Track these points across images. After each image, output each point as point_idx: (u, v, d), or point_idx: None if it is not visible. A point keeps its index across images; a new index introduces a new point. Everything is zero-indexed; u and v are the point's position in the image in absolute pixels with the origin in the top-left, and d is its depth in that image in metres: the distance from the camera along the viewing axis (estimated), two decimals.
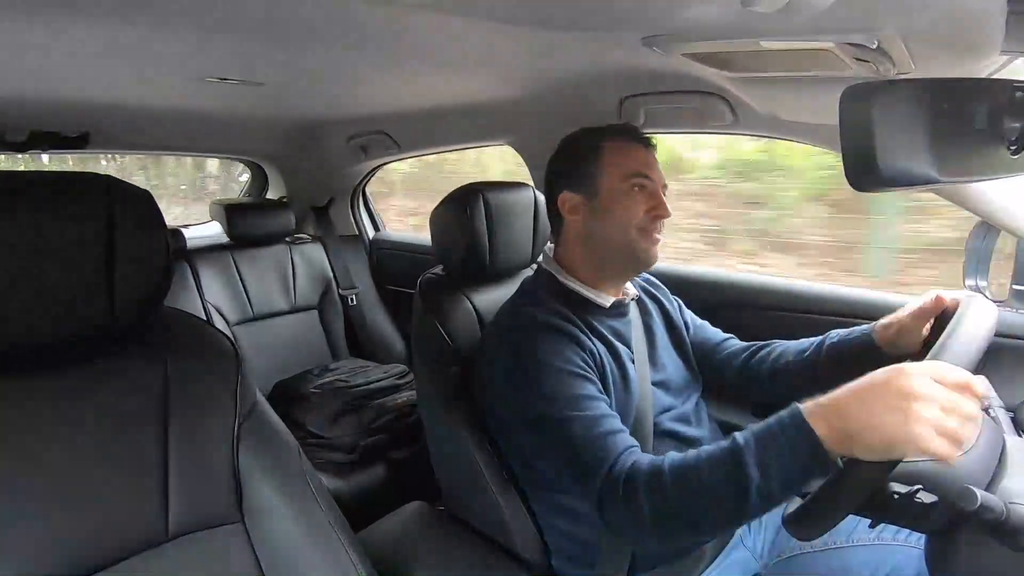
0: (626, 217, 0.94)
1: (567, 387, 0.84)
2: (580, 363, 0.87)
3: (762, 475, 0.64)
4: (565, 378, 0.85)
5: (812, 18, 0.61)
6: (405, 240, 2.28)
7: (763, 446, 0.65)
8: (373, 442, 1.64)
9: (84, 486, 0.63)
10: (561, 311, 0.93)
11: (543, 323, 0.90)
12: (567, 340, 0.89)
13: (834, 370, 0.95)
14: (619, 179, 0.95)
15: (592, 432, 0.80)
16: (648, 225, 0.94)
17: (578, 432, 0.80)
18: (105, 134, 1.70)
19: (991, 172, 0.56)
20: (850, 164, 0.49)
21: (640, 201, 0.94)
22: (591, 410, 0.82)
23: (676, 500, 0.70)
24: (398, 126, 1.75)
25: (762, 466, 0.64)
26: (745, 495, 0.65)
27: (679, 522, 0.71)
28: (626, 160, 0.95)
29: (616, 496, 0.74)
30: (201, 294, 1.85)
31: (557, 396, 0.84)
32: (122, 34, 0.87)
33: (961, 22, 0.62)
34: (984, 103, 0.52)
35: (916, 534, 0.87)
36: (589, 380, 0.87)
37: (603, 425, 0.81)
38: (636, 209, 0.94)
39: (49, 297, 0.61)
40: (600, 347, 0.92)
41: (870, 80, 0.49)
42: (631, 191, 0.94)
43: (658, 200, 0.95)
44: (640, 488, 0.72)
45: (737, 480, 0.65)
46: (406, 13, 0.74)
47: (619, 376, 0.93)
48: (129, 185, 0.68)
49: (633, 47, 0.85)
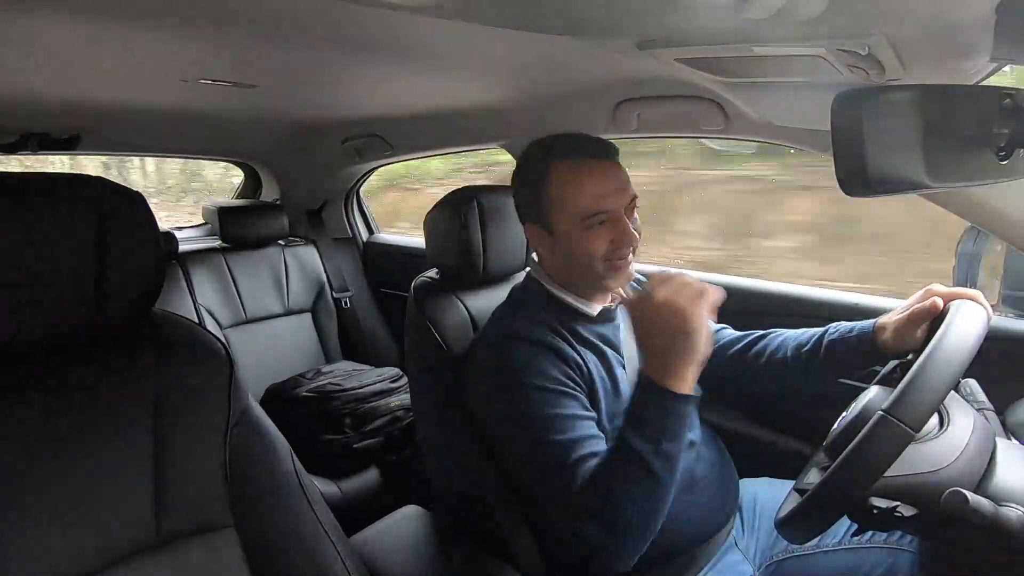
0: (588, 256, 0.91)
1: (546, 406, 0.85)
2: (562, 379, 0.88)
3: (647, 441, 0.77)
4: (545, 396, 0.86)
5: (804, 24, 0.62)
6: (399, 243, 2.28)
7: (635, 419, 0.79)
8: (366, 446, 1.63)
9: (74, 490, 0.63)
10: (548, 322, 0.93)
11: (527, 337, 0.90)
12: (551, 355, 0.89)
13: (829, 367, 0.96)
14: (571, 222, 0.90)
15: (564, 458, 0.83)
16: (613, 256, 0.91)
17: (552, 456, 0.84)
18: (96, 135, 1.69)
19: (980, 177, 0.57)
20: (842, 169, 0.49)
21: (599, 236, 0.90)
22: (566, 433, 0.84)
23: (602, 506, 0.79)
24: (392, 129, 1.75)
25: (643, 435, 0.78)
26: (646, 465, 0.77)
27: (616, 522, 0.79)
28: (576, 196, 0.89)
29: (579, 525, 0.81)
30: (193, 297, 1.84)
31: (535, 416, 0.85)
32: (114, 35, 0.86)
33: (950, 29, 0.63)
34: (973, 109, 0.52)
35: (908, 536, 0.88)
36: (570, 396, 0.87)
37: (575, 451, 0.84)
38: (597, 246, 0.90)
39: (39, 299, 0.60)
40: (589, 356, 0.92)
41: (861, 86, 0.50)
42: (588, 231, 0.89)
43: (619, 230, 0.90)
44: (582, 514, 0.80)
45: (633, 460, 0.78)
46: (400, 17, 0.74)
47: (609, 383, 0.93)
48: (120, 186, 0.67)
49: (627, 52, 0.86)
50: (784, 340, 1.03)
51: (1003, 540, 0.59)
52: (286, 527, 0.73)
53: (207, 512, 0.70)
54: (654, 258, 1.93)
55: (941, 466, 0.63)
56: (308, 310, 2.08)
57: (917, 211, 1.63)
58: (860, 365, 0.93)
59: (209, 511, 0.70)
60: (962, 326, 0.67)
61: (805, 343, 0.99)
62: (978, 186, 0.85)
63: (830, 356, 0.95)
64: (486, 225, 1.13)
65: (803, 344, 0.99)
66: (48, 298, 0.61)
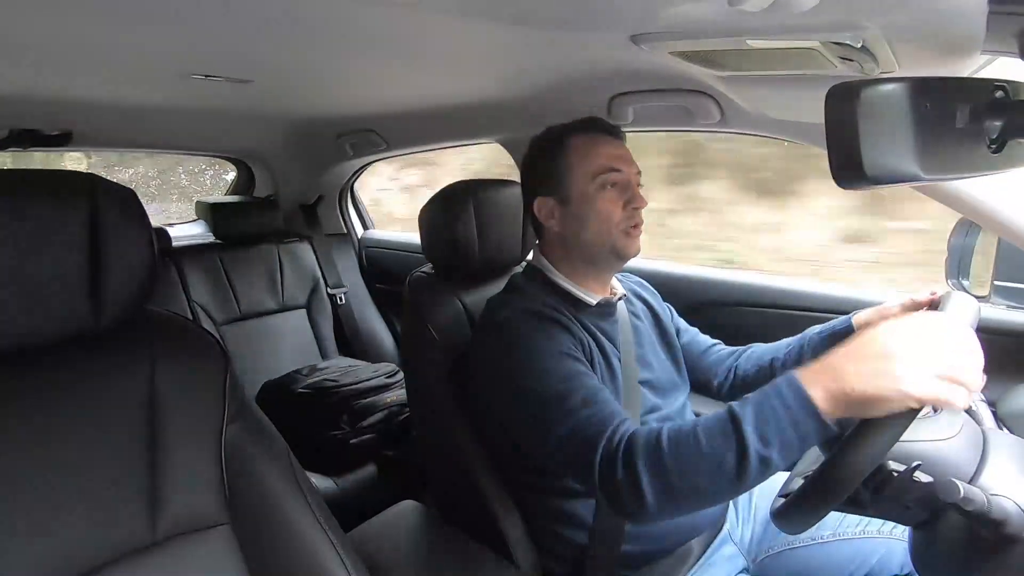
0: (603, 219, 0.93)
1: (560, 366, 0.83)
2: (572, 347, 0.87)
3: (761, 441, 0.63)
4: (557, 357, 0.84)
5: (798, 17, 0.62)
6: (394, 238, 2.27)
7: (761, 413, 0.64)
8: (363, 441, 1.63)
9: (68, 489, 0.62)
10: (553, 304, 0.93)
11: (534, 311, 0.90)
12: (558, 327, 0.89)
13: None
14: (588, 179, 0.93)
15: (589, 406, 0.78)
16: (628, 221, 0.94)
17: (575, 405, 0.78)
18: (88, 132, 1.68)
19: (973, 170, 0.57)
20: (836, 162, 0.49)
21: (614, 198, 0.93)
22: (585, 385, 0.81)
23: (674, 468, 0.68)
24: (387, 124, 1.74)
25: (760, 432, 0.64)
26: (744, 462, 0.64)
27: (678, 491, 0.69)
28: (592, 157, 0.94)
29: (615, 467, 0.72)
30: (187, 294, 1.83)
31: (550, 373, 0.82)
32: (105, 29, 0.86)
33: (942, 22, 0.63)
34: (966, 102, 0.53)
35: (901, 527, 0.88)
36: (580, 362, 0.86)
37: (599, 397, 0.79)
38: (612, 209, 0.93)
39: (31, 297, 0.60)
40: (589, 340, 0.93)
41: (855, 79, 0.50)
42: (602, 189, 0.93)
43: (632, 191, 0.94)
44: (638, 457, 0.70)
45: (736, 447, 0.64)
46: (394, 11, 0.74)
47: (606, 372, 0.93)
48: (113, 184, 0.67)
49: (621, 45, 0.86)
50: (765, 348, 1.07)
51: (995, 530, 0.59)
52: (283, 524, 0.73)
53: (203, 510, 0.69)
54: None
55: (949, 436, 0.65)
56: (303, 306, 2.07)
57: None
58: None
59: (205, 509, 0.70)
60: (954, 313, 0.68)
61: (789, 344, 1.03)
62: (970, 178, 0.86)
63: (815, 351, 0.97)
64: (481, 220, 1.13)
65: (787, 344, 1.03)
66: (41, 296, 0.61)
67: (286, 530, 0.73)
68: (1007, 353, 0.99)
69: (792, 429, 0.62)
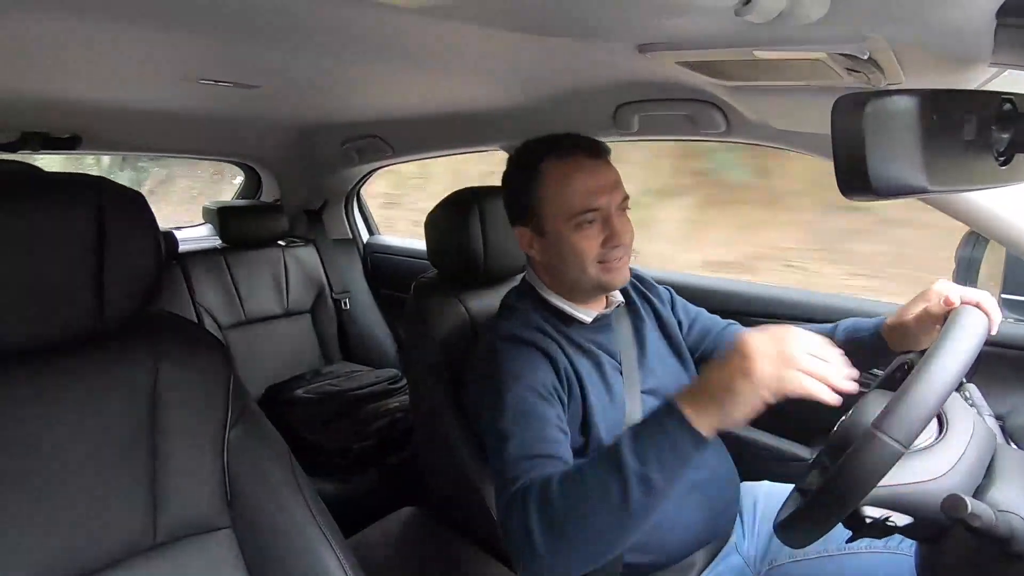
0: (581, 257, 0.90)
1: (519, 402, 0.83)
2: (545, 383, 0.86)
3: (639, 461, 0.66)
4: (523, 394, 0.84)
5: (804, 28, 0.62)
6: (399, 244, 2.28)
7: (637, 434, 0.67)
8: (365, 447, 1.63)
9: (71, 489, 0.63)
10: (541, 326, 0.92)
11: (519, 337, 0.90)
12: (539, 357, 0.88)
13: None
14: (562, 220, 0.89)
15: (523, 454, 0.79)
16: (607, 256, 0.90)
17: (511, 451, 0.79)
18: (97, 135, 1.70)
19: (980, 182, 0.57)
20: (842, 173, 0.49)
21: (592, 235, 0.89)
22: (535, 433, 0.81)
23: (561, 504, 0.69)
24: (392, 130, 1.75)
25: (638, 453, 0.66)
26: (624, 485, 0.65)
27: (567, 526, 0.69)
28: (566, 195, 0.89)
29: (510, 513, 0.73)
30: (193, 297, 1.84)
31: (507, 409, 0.83)
32: (114, 35, 0.86)
33: (950, 34, 0.63)
34: (973, 114, 0.52)
35: (908, 541, 0.87)
36: (547, 402, 0.85)
37: (537, 451, 0.79)
38: (589, 247, 0.89)
39: (38, 298, 0.61)
40: (582, 363, 0.92)
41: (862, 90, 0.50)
42: (578, 229, 0.89)
43: (611, 228, 0.89)
44: (531, 498, 0.72)
45: (616, 472, 0.66)
46: (401, 18, 0.74)
47: (603, 388, 0.93)
48: (120, 186, 0.67)
49: (628, 55, 0.86)
50: None
51: (1003, 546, 0.59)
52: (284, 528, 0.73)
53: (204, 513, 0.69)
54: None
55: (938, 475, 0.63)
56: (307, 311, 2.08)
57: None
58: (873, 363, 0.92)
59: (206, 512, 0.70)
60: (957, 338, 0.66)
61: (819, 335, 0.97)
62: (978, 191, 0.85)
63: (847, 348, 0.92)
64: (486, 226, 1.13)
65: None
66: (47, 297, 0.61)
67: (287, 534, 0.72)
68: (1015, 367, 0.98)
69: (668, 446, 0.65)
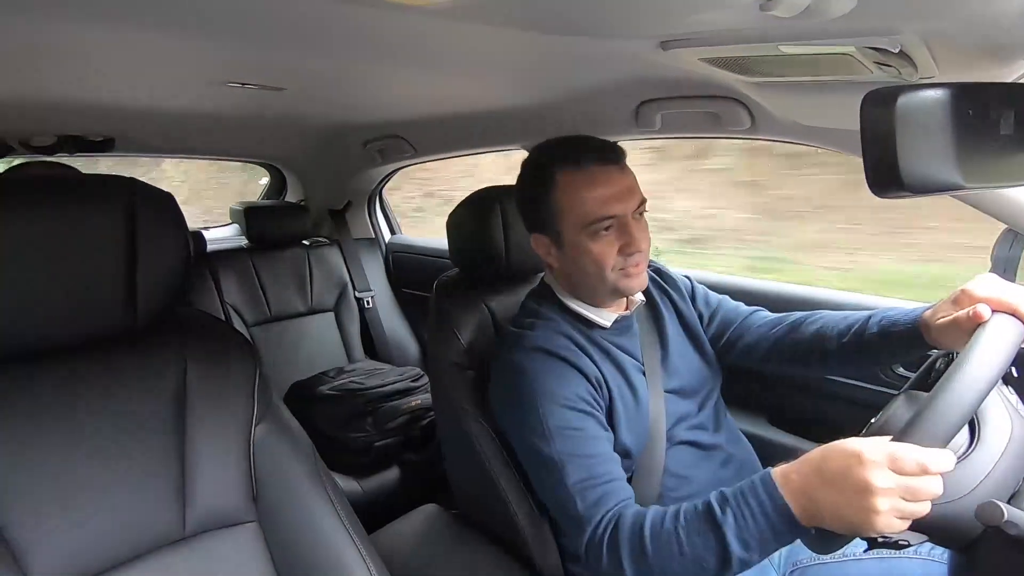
0: (599, 265, 0.89)
1: (564, 425, 0.84)
2: (581, 395, 0.86)
3: (742, 546, 0.67)
4: (562, 412, 0.84)
5: (832, 22, 0.60)
6: (421, 243, 2.29)
7: (741, 517, 0.68)
8: (387, 444, 1.65)
9: (102, 484, 0.64)
10: (567, 332, 0.92)
11: (543, 349, 0.89)
12: (568, 368, 0.88)
13: (873, 357, 0.91)
14: (578, 229, 0.88)
15: (585, 480, 0.81)
16: (625, 263, 0.89)
17: (572, 478, 0.81)
18: (129, 138, 1.74)
19: (1018, 178, 0.55)
20: (872, 170, 0.48)
21: (608, 243, 0.88)
22: (587, 453, 0.83)
23: (656, 564, 0.72)
24: (414, 131, 1.76)
25: (741, 539, 0.67)
26: (726, 566, 0.69)
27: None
28: (581, 204, 0.88)
29: (600, 553, 0.77)
30: (220, 295, 1.88)
31: (553, 433, 0.84)
32: (145, 41, 0.89)
33: (987, 26, 0.61)
34: (1010, 108, 0.51)
35: (940, 548, 0.85)
36: (588, 415, 0.86)
37: (597, 473, 0.81)
38: (607, 253, 0.88)
39: (71, 296, 0.62)
40: (607, 368, 0.92)
41: (892, 85, 0.48)
42: (595, 237, 0.88)
43: (629, 235, 0.88)
44: (623, 549, 0.75)
45: (717, 551, 0.69)
46: (423, 20, 0.75)
47: (628, 391, 0.92)
48: (152, 187, 0.69)
49: (650, 52, 0.85)
50: (824, 324, 0.96)
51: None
52: (308, 523, 0.74)
53: (231, 507, 0.71)
54: None
55: (964, 493, 0.60)
56: (331, 309, 2.11)
57: None
58: (908, 355, 0.90)
59: (233, 506, 0.71)
60: (986, 351, 0.63)
61: (845, 332, 0.92)
62: (1015, 187, 0.83)
63: (882, 341, 0.88)
64: (508, 226, 1.13)
65: (844, 332, 0.92)
66: (78, 296, 0.63)
67: (311, 529, 0.74)
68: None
69: (771, 533, 0.66)
